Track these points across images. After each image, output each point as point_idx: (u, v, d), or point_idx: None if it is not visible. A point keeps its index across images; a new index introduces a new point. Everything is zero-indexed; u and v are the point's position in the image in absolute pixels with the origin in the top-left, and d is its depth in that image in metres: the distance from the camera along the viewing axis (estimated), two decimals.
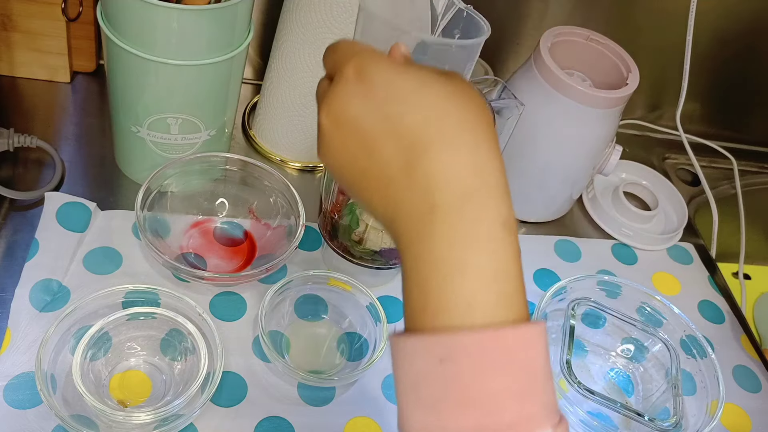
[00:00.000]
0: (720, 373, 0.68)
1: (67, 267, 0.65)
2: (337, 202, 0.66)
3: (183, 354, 0.60)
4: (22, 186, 0.70)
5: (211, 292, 0.67)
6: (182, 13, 0.60)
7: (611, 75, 0.78)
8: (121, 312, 0.59)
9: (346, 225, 0.66)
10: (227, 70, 0.67)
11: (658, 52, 0.94)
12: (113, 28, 0.62)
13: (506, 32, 0.93)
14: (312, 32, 0.71)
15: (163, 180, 0.68)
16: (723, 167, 1.03)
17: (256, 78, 0.91)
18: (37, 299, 0.62)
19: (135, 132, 0.69)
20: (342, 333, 0.68)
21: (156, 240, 0.66)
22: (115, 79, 0.66)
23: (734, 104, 1.06)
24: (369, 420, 0.62)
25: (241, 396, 0.61)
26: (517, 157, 0.79)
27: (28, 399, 0.56)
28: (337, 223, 0.67)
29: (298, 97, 0.76)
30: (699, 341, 0.70)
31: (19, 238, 0.66)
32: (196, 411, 0.56)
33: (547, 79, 0.74)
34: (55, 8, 0.75)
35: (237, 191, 0.73)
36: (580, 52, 0.80)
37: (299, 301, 0.68)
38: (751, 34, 0.97)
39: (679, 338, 0.72)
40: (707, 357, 0.70)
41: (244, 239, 0.72)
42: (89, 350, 0.57)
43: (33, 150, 0.73)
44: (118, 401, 0.58)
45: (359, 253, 0.67)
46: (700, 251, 0.89)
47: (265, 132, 0.82)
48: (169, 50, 0.62)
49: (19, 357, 0.58)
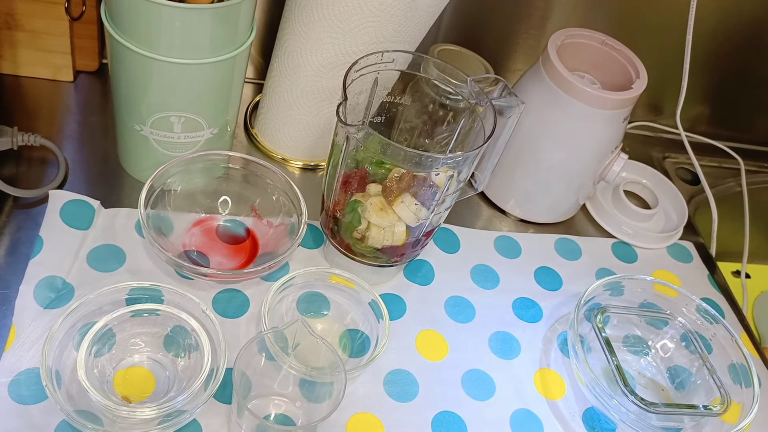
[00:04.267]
0: (737, 336, 0.70)
1: (71, 264, 0.65)
2: (338, 200, 0.67)
3: (186, 350, 0.61)
4: (26, 184, 0.70)
5: (214, 289, 0.68)
6: (185, 12, 0.60)
7: (619, 77, 0.79)
8: (125, 309, 0.60)
9: (347, 222, 0.66)
10: (230, 68, 0.67)
11: (659, 51, 0.94)
12: (116, 26, 0.62)
13: (506, 32, 0.94)
14: (314, 31, 0.72)
15: (166, 178, 0.69)
16: (724, 167, 1.04)
17: (259, 77, 0.91)
18: (42, 296, 0.62)
19: (138, 130, 0.69)
20: (344, 330, 0.68)
21: (159, 237, 0.67)
22: (119, 78, 0.67)
23: (737, 103, 1.06)
24: (371, 416, 0.63)
25: None
26: (524, 157, 0.80)
27: (34, 394, 0.57)
28: (339, 220, 0.67)
29: (300, 96, 0.77)
30: (708, 311, 0.72)
31: (23, 235, 0.67)
32: (200, 407, 0.56)
33: (555, 81, 0.74)
34: (59, 7, 0.75)
35: (239, 189, 0.73)
36: (588, 54, 0.80)
37: (301, 298, 0.68)
38: (751, 34, 0.98)
39: (690, 316, 0.73)
40: (719, 323, 0.72)
41: (246, 237, 0.72)
42: (93, 346, 0.58)
43: (37, 148, 0.73)
44: (122, 397, 0.58)
45: (361, 251, 0.68)
46: (699, 250, 0.89)
47: (267, 130, 0.82)
48: (172, 49, 0.62)
49: (24, 353, 0.59)
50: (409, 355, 0.68)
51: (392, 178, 0.65)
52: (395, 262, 0.69)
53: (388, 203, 0.65)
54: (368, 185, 0.67)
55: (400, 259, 0.69)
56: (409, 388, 0.65)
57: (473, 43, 0.82)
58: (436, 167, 0.61)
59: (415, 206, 0.64)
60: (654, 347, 0.74)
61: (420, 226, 0.66)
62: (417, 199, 0.64)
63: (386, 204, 0.65)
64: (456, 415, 0.65)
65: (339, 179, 0.66)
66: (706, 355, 0.70)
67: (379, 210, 0.65)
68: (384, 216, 0.65)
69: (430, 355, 0.68)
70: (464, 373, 0.68)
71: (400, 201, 0.65)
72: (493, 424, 0.65)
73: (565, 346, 0.71)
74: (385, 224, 0.65)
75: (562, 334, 0.73)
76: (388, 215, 0.65)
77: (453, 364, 0.68)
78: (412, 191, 0.64)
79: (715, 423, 0.67)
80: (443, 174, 0.62)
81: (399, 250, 0.68)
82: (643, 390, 0.71)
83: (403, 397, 0.65)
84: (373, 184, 0.67)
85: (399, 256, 0.69)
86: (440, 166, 0.61)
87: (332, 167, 0.66)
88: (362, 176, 0.66)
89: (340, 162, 0.64)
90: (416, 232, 0.67)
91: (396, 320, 0.70)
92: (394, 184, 0.65)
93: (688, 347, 0.72)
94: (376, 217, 0.65)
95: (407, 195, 0.64)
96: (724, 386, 0.67)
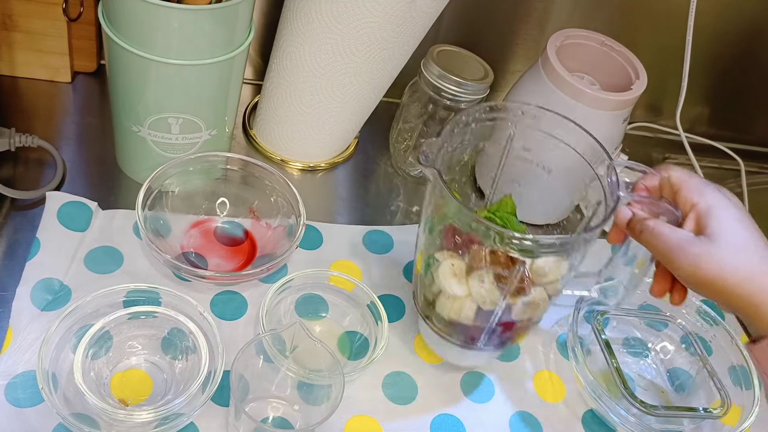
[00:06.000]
0: (738, 338, 0.70)
1: (69, 266, 0.65)
2: (429, 249, 0.57)
3: (184, 353, 0.60)
4: (24, 185, 0.70)
5: (212, 291, 0.68)
6: (183, 13, 0.60)
7: (618, 78, 0.78)
8: (122, 311, 0.59)
9: (420, 277, 0.59)
10: (228, 70, 0.67)
11: (659, 52, 0.94)
12: (114, 27, 0.62)
13: (506, 33, 0.93)
14: (313, 32, 0.71)
15: (164, 179, 0.68)
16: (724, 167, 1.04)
17: (257, 78, 0.91)
18: (39, 298, 0.62)
19: (136, 132, 0.69)
20: (342, 332, 0.68)
21: (157, 239, 0.66)
22: (116, 79, 0.67)
23: (736, 104, 1.06)
24: (369, 418, 0.63)
25: None
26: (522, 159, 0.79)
27: (30, 397, 0.56)
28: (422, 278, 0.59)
29: (299, 97, 0.76)
30: (708, 313, 0.72)
31: (20, 237, 0.67)
32: (197, 410, 0.56)
33: (554, 82, 0.74)
34: (56, 8, 0.75)
35: (238, 191, 0.73)
36: (587, 54, 0.80)
37: (300, 300, 0.68)
38: (751, 34, 0.97)
39: (690, 318, 0.73)
40: (719, 324, 0.72)
41: (244, 239, 0.72)
42: (90, 349, 0.57)
43: (34, 150, 0.73)
44: (119, 400, 0.58)
45: (430, 315, 0.60)
46: None
47: (265, 132, 0.82)
48: (170, 50, 0.62)
49: (21, 356, 0.58)
50: (407, 357, 0.68)
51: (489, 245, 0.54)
52: (468, 344, 0.60)
53: (467, 271, 0.55)
54: (474, 245, 0.55)
55: (473, 344, 0.60)
56: (407, 390, 0.65)
57: (472, 44, 0.82)
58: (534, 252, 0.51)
59: (491, 286, 0.54)
60: (654, 349, 0.74)
61: (492, 313, 0.56)
62: (499, 281, 0.54)
63: (463, 271, 0.56)
64: (455, 418, 0.64)
65: (444, 227, 0.56)
66: (706, 357, 0.70)
67: (452, 275, 0.56)
68: (454, 283, 0.56)
69: (428, 358, 0.68)
70: (463, 375, 0.68)
71: (477, 274, 0.55)
72: (492, 426, 0.65)
73: (565, 349, 0.71)
74: (454, 293, 0.56)
75: (561, 336, 0.73)
76: (460, 285, 0.56)
77: (451, 367, 0.68)
78: (496, 269, 0.54)
79: (715, 425, 0.67)
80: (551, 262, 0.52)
81: (470, 331, 0.58)
82: (643, 392, 0.71)
83: (402, 399, 0.64)
84: (478, 246, 0.55)
85: (471, 340, 0.60)
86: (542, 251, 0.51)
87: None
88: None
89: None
90: (488, 317, 0.57)
91: (394, 322, 0.69)
92: (484, 253, 0.54)
93: (688, 349, 0.72)
94: (444, 282, 0.56)
95: (489, 271, 0.54)
96: (724, 388, 0.67)
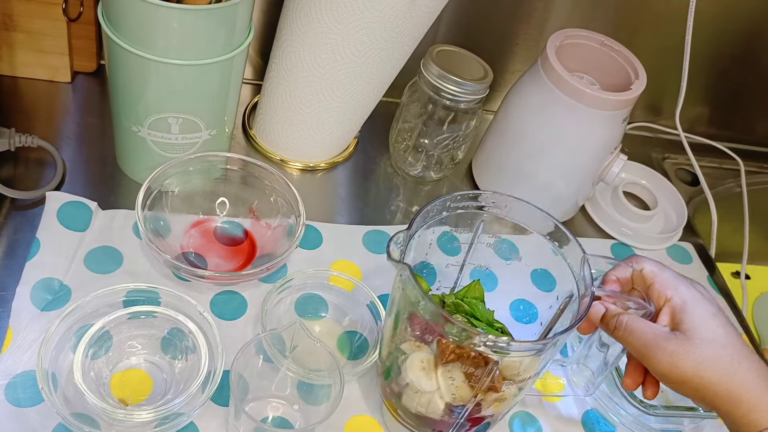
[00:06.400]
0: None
1: (68, 266, 0.65)
2: (398, 337, 0.56)
3: (183, 353, 0.61)
4: (23, 185, 0.70)
5: (212, 291, 0.68)
6: (183, 13, 0.60)
7: (618, 78, 0.78)
8: (122, 311, 0.59)
9: (385, 369, 0.58)
10: (228, 69, 0.67)
11: (658, 52, 0.94)
12: (114, 27, 0.62)
13: (506, 32, 0.93)
14: (312, 32, 0.71)
15: (163, 179, 0.68)
16: (724, 167, 1.04)
17: (257, 78, 0.91)
18: (39, 298, 0.62)
19: (136, 132, 0.69)
20: (342, 332, 0.68)
21: (157, 239, 0.66)
22: (116, 79, 0.67)
23: (736, 104, 1.06)
24: (369, 418, 0.63)
25: None
26: (523, 159, 0.79)
27: (30, 397, 0.56)
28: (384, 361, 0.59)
29: (299, 97, 0.76)
30: None
31: (20, 237, 0.67)
32: (197, 410, 0.56)
33: (554, 82, 0.74)
34: (56, 8, 0.75)
35: (237, 191, 0.73)
36: (587, 54, 0.80)
37: (299, 300, 0.68)
38: (751, 34, 0.97)
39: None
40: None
41: (244, 238, 0.72)
42: (90, 349, 0.58)
43: (34, 150, 0.73)
44: (119, 399, 0.58)
45: (403, 411, 0.58)
46: (699, 251, 0.89)
47: (265, 132, 0.82)
48: (169, 50, 0.62)
49: (21, 356, 0.58)
50: None
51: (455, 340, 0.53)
52: None
53: (436, 366, 0.54)
54: (444, 340, 0.53)
55: None
56: None
57: (472, 44, 0.82)
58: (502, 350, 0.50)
59: (462, 383, 0.53)
60: None
61: (462, 407, 0.55)
62: (470, 379, 0.53)
63: (432, 364, 0.55)
64: None
65: (408, 316, 0.55)
66: None
67: (420, 369, 0.54)
68: (422, 378, 0.54)
69: None
70: None
71: (447, 369, 0.54)
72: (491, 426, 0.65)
73: (564, 348, 0.71)
74: (423, 389, 0.55)
75: None
76: (429, 379, 0.54)
77: None
78: (466, 366, 0.53)
79: (714, 425, 0.67)
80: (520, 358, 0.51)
81: (437, 425, 0.57)
82: None
83: None
84: (443, 340, 0.53)
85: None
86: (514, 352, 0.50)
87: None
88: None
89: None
90: (457, 412, 0.55)
91: None
92: (451, 347, 0.53)
93: None
94: (412, 375, 0.55)
95: (459, 367, 0.53)
96: None
